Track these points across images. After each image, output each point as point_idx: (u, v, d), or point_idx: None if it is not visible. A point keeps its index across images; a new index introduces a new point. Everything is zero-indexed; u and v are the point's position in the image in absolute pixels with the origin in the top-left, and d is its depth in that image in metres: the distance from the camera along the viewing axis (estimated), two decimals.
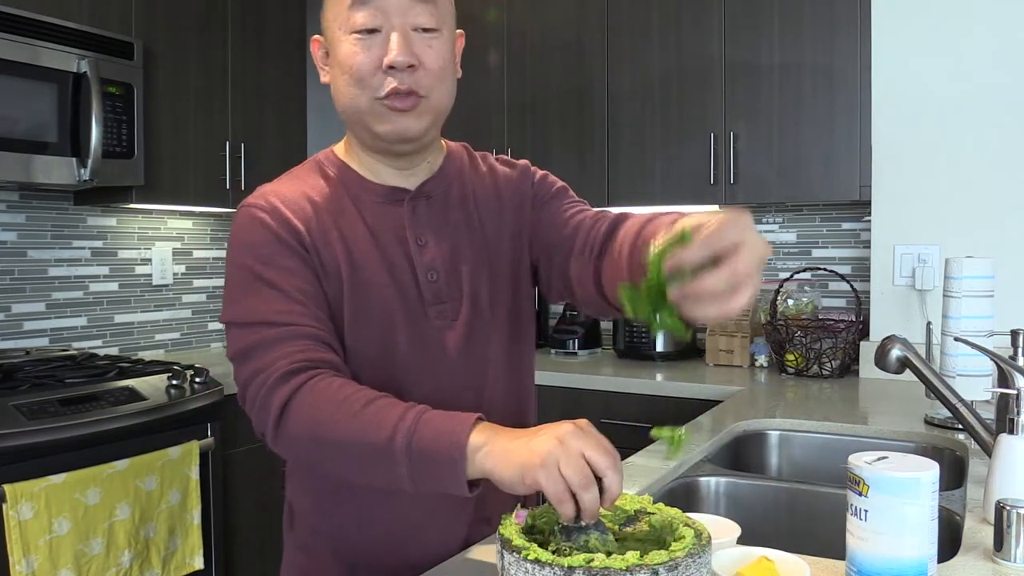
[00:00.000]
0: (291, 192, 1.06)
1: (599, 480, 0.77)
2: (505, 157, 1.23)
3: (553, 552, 0.77)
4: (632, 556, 0.72)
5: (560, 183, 1.21)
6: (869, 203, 2.46)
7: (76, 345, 2.71)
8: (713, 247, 0.73)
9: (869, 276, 2.49)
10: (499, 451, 0.81)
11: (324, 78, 1.10)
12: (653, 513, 0.87)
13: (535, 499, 1.10)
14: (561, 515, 0.77)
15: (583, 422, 0.80)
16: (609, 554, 0.75)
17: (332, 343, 0.99)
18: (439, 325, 1.07)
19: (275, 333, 0.96)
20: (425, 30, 1.01)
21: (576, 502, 0.76)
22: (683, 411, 2.25)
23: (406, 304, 1.05)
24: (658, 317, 0.78)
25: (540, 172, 1.21)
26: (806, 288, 2.74)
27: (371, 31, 1.00)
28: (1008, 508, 0.95)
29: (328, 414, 0.89)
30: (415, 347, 1.05)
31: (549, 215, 1.16)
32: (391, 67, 0.99)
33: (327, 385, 0.92)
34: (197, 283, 3.15)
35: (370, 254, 1.05)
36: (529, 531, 0.82)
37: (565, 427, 0.79)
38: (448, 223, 1.11)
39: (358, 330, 1.03)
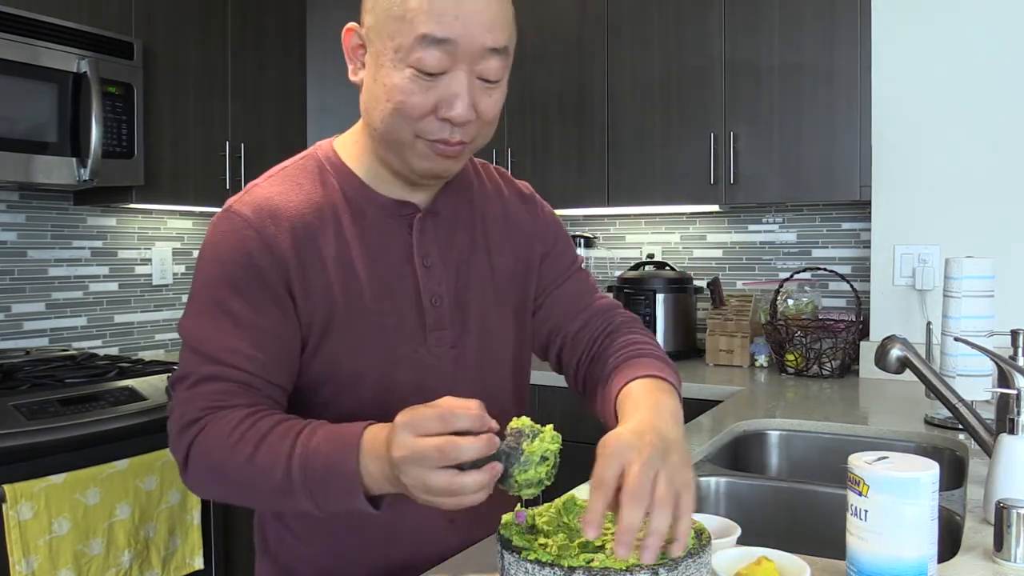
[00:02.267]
0: (285, 202, 0.98)
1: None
2: (505, 173, 1.19)
3: (508, 482, 0.80)
4: (632, 556, 0.72)
5: (573, 252, 1.18)
6: (869, 203, 2.46)
7: (76, 345, 2.71)
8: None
9: (869, 276, 2.49)
10: (385, 479, 0.82)
11: (354, 76, 0.98)
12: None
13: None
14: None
15: (404, 418, 0.79)
16: (545, 480, 0.80)
17: (266, 390, 0.95)
18: (439, 352, 1.02)
19: (210, 371, 0.93)
20: (490, 81, 0.93)
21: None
22: (683, 411, 2.24)
23: (405, 331, 1.00)
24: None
25: (554, 222, 1.18)
26: (806, 288, 2.74)
27: (435, 74, 0.90)
28: (1008, 508, 0.95)
29: (223, 460, 0.89)
30: (414, 374, 1.01)
31: (565, 295, 1.14)
32: (448, 120, 0.91)
33: (221, 428, 0.89)
34: None
35: (369, 280, 0.99)
36: (529, 531, 0.82)
37: (395, 455, 0.78)
38: (455, 244, 1.05)
39: (354, 358, 0.98)
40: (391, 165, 0.99)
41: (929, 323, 1.98)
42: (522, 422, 0.83)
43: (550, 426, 0.83)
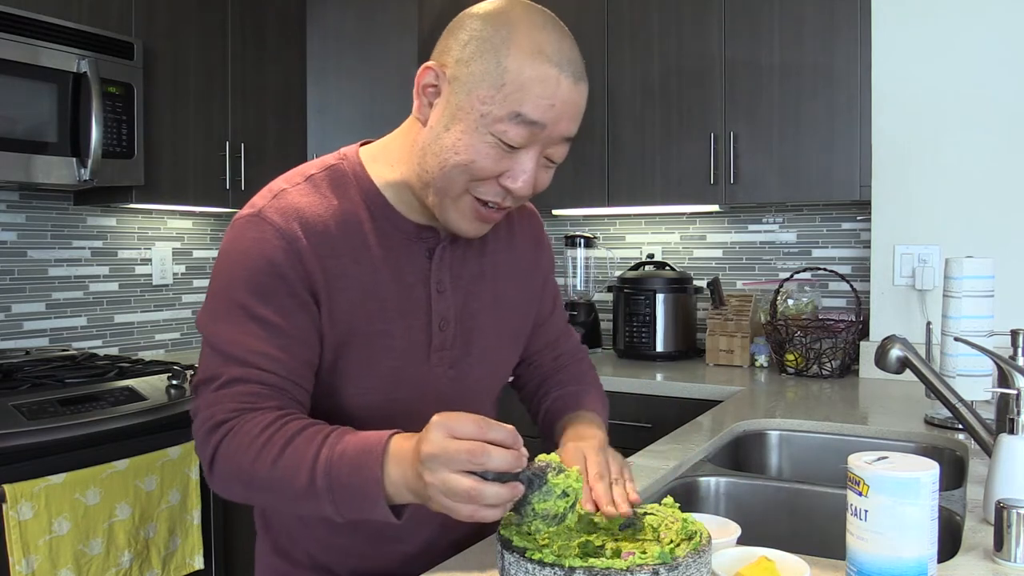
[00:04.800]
0: (315, 215, 0.97)
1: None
2: None
3: (521, 512, 0.80)
4: (633, 556, 0.72)
5: (556, 283, 1.26)
6: (869, 203, 2.46)
7: (76, 345, 2.71)
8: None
9: (869, 276, 2.49)
10: (406, 486, 0.82)
11: (419, 113, 0.97)
12: (650, 513, 0.87)
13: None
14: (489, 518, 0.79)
15: (441, 418, 0.80)
16: (561, 517, 0.80)
17: (294, 392, 0.96)
18: (438, 372, 1.04)
19: (237, 373, 0.93)
20: (552, 162, 0.97)
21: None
22: (683, 411, 2.25)
23: (413, 353, 1.02)
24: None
25: (551, 252, 1.24)
26: (806, 288, 2.74)
27: (514, 147, 0.92)
28: (1008, 508, 0.95)
29: (250, 463, 0.89)
30: (413, 392, 1.03)
31: (548, 331, 1.24)
32: (508, 190, 0.94)
33: (249, 429, 0.90)
34: (197, 283, 3.15)
35: (387, 302, 1.00)
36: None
37: (425, 450, 0.79)
38: (465, 272, 1.07)
39: (361, 381, 1.00)
40: (422, 199, 0.99)
41: (929, 323, 1.98)
42: (550, 457, 0.84)
43: (576, 468, 0.85)
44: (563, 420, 1.14)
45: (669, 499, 0.88)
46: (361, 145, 1.07)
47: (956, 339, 1.53)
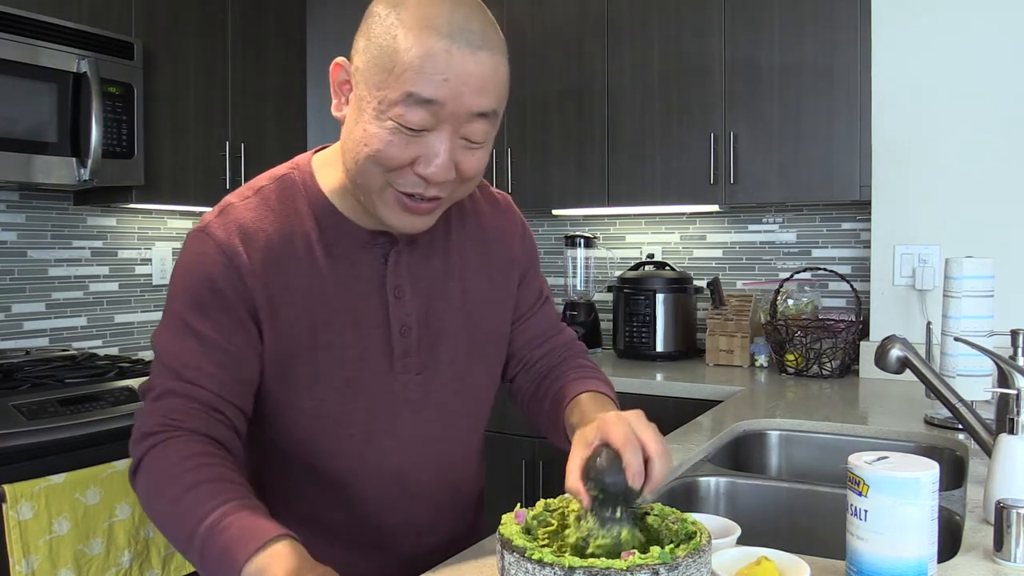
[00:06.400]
0: (258, 229, 0.96)
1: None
2: (485, 184, 1.15)
3: (586, 536, 0.79)
4: (633, 556, 0.72)
5: (542, 278, 1.19)
6: (869, 203, 2.46)
7: (76, 345, 2.71)
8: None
9: (869, 276, 2.49)
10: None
11: (337, 111, 0.95)
12: (651, 513, 0.87)
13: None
14: None
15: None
16: (639, 547, 0.77)
17: (226, 411, 0.95)
18: (405, 380, 1.02)
19: (173, 386, 0.93)
20: (474, 142, 0.91)
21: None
22: (683, 411, 2.25)
23: (371, 362, 1.00)
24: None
25: (532, 246, 1.17)
26: (806, 288, 2.74)
27: (417, 130, 0.87)
28: (1008, 508, 0.95)
29: (158, 489, 0.90)
30: (377, 401, 1.00)
31: (534, 327, 1.16)
32: (424, 177, 0.89)
33: (171, 453, 0.90)
34: None
35: (337, 312, 0.98)
36: (528, 531, 0.82)
37: None
38: (426, 273, 1.03)
39: (313, 392, 0.98)
40: (362, 203, 0.97)
41: (929, 323, 1.98)
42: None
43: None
44: (577, 396, 1.06)
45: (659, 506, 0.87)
46: (317, 151, 1.05)
47: (956, 339, 1.53)
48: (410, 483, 1.05)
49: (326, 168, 1.01)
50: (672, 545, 0.79)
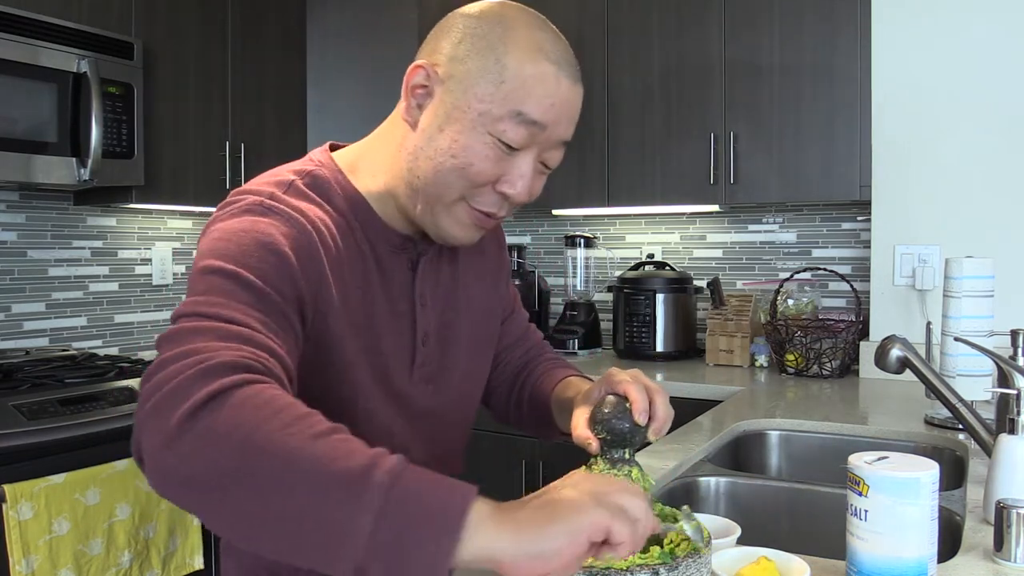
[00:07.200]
0: (316, 217, 0.88)
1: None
2: None
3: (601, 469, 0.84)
4: (633, 556, 0.72)
5: (511, 279, 1.20)
6: (869, 203, 2.46)
7: (76, 345, 2.71)
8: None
9: (869, 276, 2.49)
10: (504, 512, 0.63)
11: (408, 115, 0.90)
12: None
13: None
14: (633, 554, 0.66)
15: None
16: (645, 490, 0.79)
17: (292, 374, 0.79)
18: (420, 390, 1.00)
19: (233, 330, 0.73)
20: (548, 167, 0.92)
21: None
22: (683, 411, 2.24)
23: (393, 370, 0.96)
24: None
25: (505, 247, 1.17)
26: (806, 288, 2.74)
27: (513, 148, 0.87)
28: (1008, 508, 0.95)
29: (279, 422, 0.64)
30: (391, 406, 0.97)
31: (512, 327, 1.19)
32: (505, 196, 0.89)
33: (285, 395, 0.69)
34: None
35: (370, 320, 0.93)
36: None
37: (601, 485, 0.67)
38: (440, 281, 1.02)
39: (335, 392, 0.91)
40: (406, 210, 0.93)
41: (929, 323, 1.98)
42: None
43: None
44: (567, 378, 1.09)
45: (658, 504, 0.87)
46: (330, 149, 0.99)
47: (956, 339, 1.53)
48: None
49: (353, 166, 0.96)
50: (672, 545, 0.79)
